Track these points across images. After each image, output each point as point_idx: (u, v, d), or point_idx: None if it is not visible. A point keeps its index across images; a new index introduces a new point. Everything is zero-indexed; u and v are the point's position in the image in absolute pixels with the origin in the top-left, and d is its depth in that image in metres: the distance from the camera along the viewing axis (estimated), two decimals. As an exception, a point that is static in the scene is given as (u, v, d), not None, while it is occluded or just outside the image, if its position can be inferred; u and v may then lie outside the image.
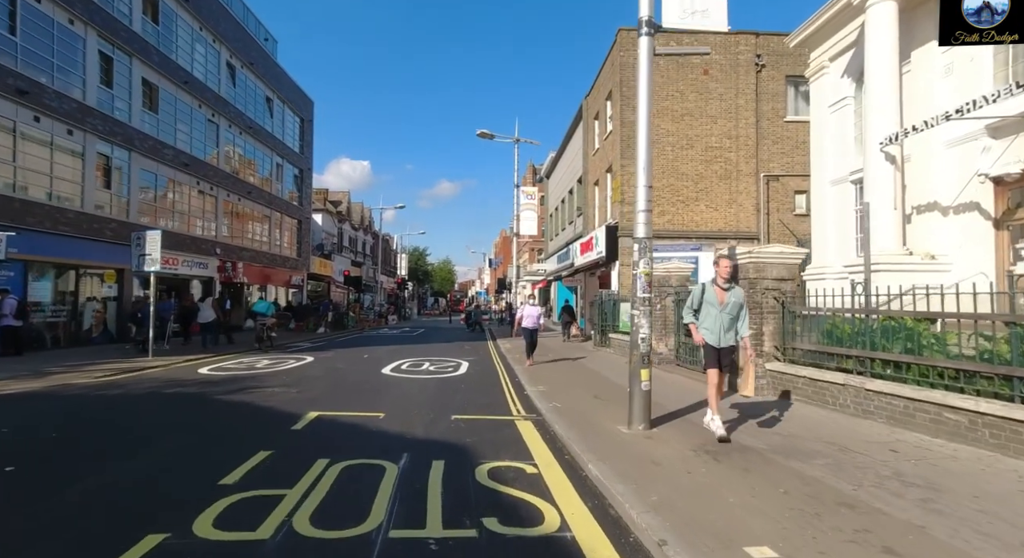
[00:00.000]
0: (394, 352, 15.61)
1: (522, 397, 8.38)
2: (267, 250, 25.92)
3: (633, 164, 18.14)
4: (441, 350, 16.55)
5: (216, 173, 20.89)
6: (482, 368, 12.14)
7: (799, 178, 17.65)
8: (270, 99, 25.91)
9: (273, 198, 26.15)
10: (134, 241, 12.31)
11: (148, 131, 16.96)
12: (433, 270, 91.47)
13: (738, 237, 17.59)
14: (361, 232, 54.03)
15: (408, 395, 8.28)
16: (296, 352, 15.30)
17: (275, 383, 9.09)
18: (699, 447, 5.01)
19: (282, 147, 27.14)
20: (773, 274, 7.79)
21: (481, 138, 22.94)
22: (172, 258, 18.11)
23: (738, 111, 17.66)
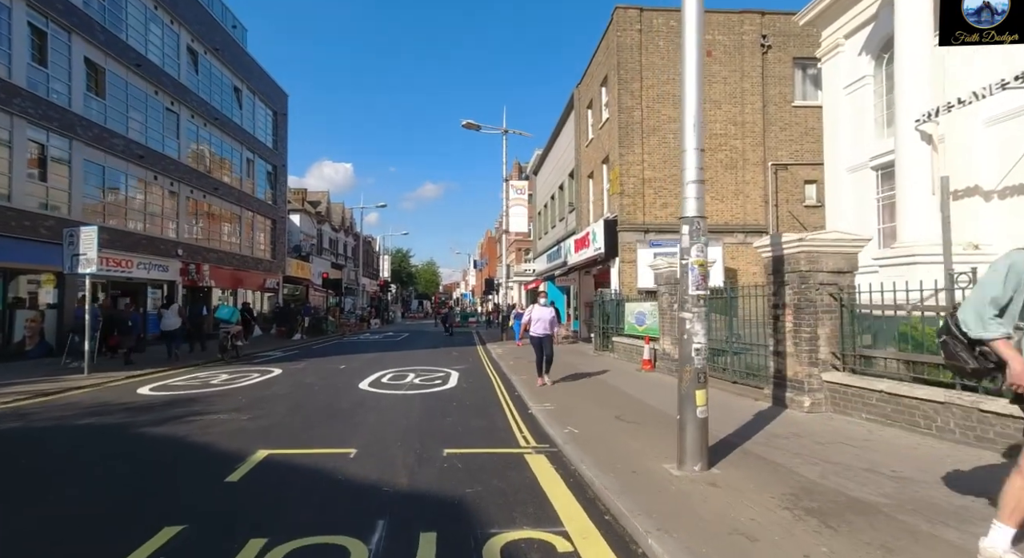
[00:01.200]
0: (375, 361, 14.03)
1: (527, 418, 6.93)
2: (238, 251, 24.08)
3: (632, 153, 16.85)
4: (427, 358, 15.02)
5: (177, 167, 19.06)
6: (474, 379, 10.66)
7: (809, 167, 16.53)
8: (238, 89, 24.08)
9: (243, 196, 24.31)
10: (66, 239, 10.58)
11: (94, 118, 15.12)
12: (417, 272, 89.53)
13: (746, 230, 16.39)
14: (342, 233, 52.07)
15: (388, 419, 6.77)
16: (264, 363, 13.62)
17: (224, 407, 7.47)
18: (791, 501, 3.61)
19: (253, 141, 25.31)
20: (829, 265, 6.46)
21: (467, 129, 21.50)
22: (125, 260, 16.27)
23: (743, 96, 16.47)
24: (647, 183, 16.32)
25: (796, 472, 4.24)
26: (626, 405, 7.34)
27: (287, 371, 11.81)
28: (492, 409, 7.59)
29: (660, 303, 10.56)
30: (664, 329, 10.40)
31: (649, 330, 11.64)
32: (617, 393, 8.35)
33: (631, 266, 16.16)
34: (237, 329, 14.69)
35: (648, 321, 11.77)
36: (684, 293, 4.46)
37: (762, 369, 7.78)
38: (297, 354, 16.57)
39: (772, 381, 7.02)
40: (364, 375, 10.98)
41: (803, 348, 6.48)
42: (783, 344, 6.78)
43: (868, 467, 4.29)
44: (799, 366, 6.53)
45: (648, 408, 7.08)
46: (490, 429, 6.32)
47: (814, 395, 6.38)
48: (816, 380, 6.41)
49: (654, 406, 7.21)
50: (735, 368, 8.45)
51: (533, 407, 7.40)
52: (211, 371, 11.78)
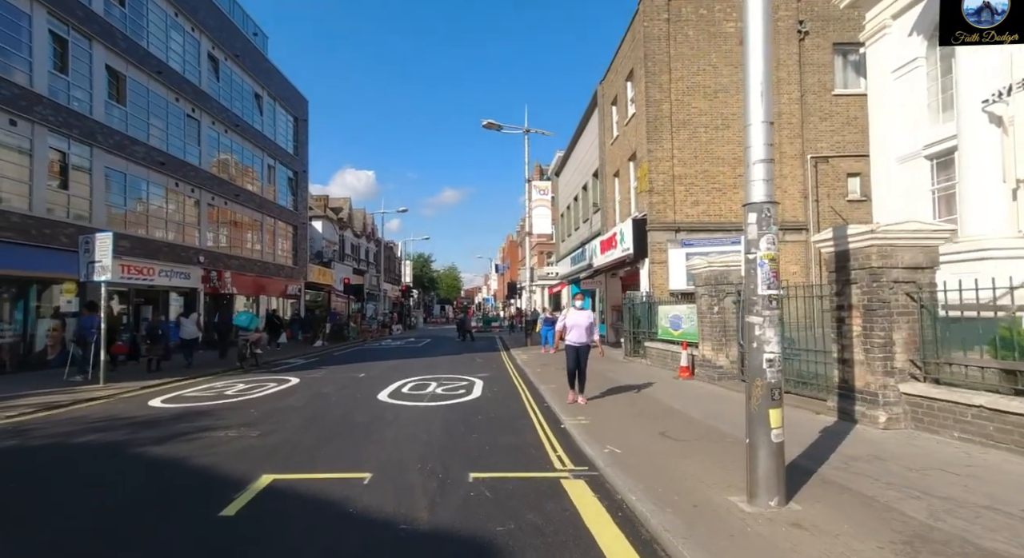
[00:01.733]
0: (395, 369, 13.53)
1: (559, 434, 6.26)
2: (259, 258, 24.00)
3: (661, 148, 16.05)
4: (449, 365, 14.46)
5: (198, 174, 19.01)
6: (500, 388, 10.03)
7: (851, 159, 15.51)
8: (259, 96, 24.08)
9: (264, 202, 24.26)
10: (82, 246, 10.35)
11: (115, 125, 15.08)
12: (439, 277, 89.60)
13: (784, 228, 15.43)
14: (363, 239, 52.24)
15: (408, 436, 6.18)
16: (283, 371, 13.24)
17: (235, 421, 6.99)
18: (907, 553, 2.87)
19: (274, 147, 25.30)
20: (905, 260, 5.65)
21: (488, 129, 20.97)
22: (147, 268, 16.18)
23: (779, 85, 15.55)
24: (677, 180, 15.52)
25: (896, 509, 3.48)
26: (669, 419, 6.61)
27: (305, 380, 11.37)
28: (520, 423, 6.95)
29: (699, 306, 9.78)
30: (704, 334, 9.62)
31: (686, 335, 10.85)
32: (656, 404, 7.62)
33: (662, 267, 15.36)
34: (257, 336, 14.38)
35: (685, 325, 10.99)
36: (752, 293, 3.75)
37: (821, 378, 6.97)
38: (317, 362, 16.20)
39: (837, 392, 6.21)
40: (384, 385, 10.46)
41: (875, 355, 5.67)
42: (850, 350, 5.98)
43: (987, 504, 3.51)
44: (870, 376, 5.72)
45: (695, 423, 6.34)
46: (520, 447, 5.68)
47: (890, 409, 5.56)
48: (892, 392, 5.59)
49: (700, 420, 6.47)
50: (787, 376, 7.64)
51: (566, 421, 6.74)
52: (228, 380, 11.42)
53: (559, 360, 14.83)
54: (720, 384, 8.95)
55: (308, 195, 29.96)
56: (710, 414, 6.75)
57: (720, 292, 9.12)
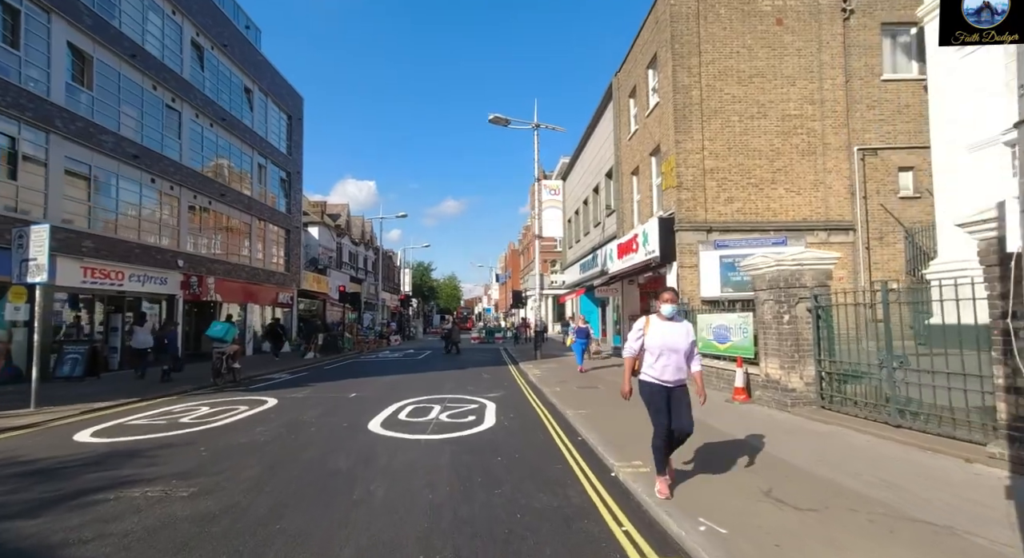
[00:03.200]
0: (392, 387, 11.76)
1: (616, 489, 4.52)
2: (248, 263, 22.28)
3: (691, 139, 14.34)
4: (454, 382, 12.69)
5: (179, 170, 17.35)
6: (517, 413, 8.26)
7: (903, 151, 13.87)
8: (249, 90, 22.51)
9: (254, 203, 22.59)
10: (15, 241, 8.62)
11: (79, 111, 13.43)
12: (438, 286, 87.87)
13: (828, 228, 13.77)
14: (362, 247, 50.60)
15: (406, 494, 4.42)
16: (262, 390, 11.46)
17: (170, 468, 5.19)
18: None
19: (265, 146, 23.69)
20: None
21: (494, 124, 19.36)
22: (115, 271, 14.44)
23: (821, 69, 13.97)
24: (708, 174, 13.87)
25: None
26: (765, 467, 4.85)
27: (283, 403, 9.59)
28: (556, 469, 5.19)
29: (760, 314, 8.05)
30: (767, 349, 7.87)
31: (737, 349, 9.10)
32: (731, 442, 5.84)
33: (692, 271, 13.65)
34: (234, 349, 12.62)
35: (735, 337, 9.24)
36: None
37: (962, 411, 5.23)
38: (305, 377, 14.41)
39: (1007, 434, 4.46)
40: (377, 408, 8.69)
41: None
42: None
43: None
44: (1065, 413, 3.99)
45: (806, 475, 4.58)
46: (567, 517, 3.92)
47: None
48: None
49: (809, 470, 4.71)
50: (906, 406, 5.89)
51: (618, 468, 4.98)
52: (192, 402, 9.63)
53: (582, 378, 12.79)
54: (794, 411, 7.18)
55: (302, 198, 28.32)
56: (818, 459, 5.00)
57: (791, 297, 7.39)
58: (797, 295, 7.37)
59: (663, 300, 4.38)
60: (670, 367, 4.19)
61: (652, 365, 4.25)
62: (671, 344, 4.20)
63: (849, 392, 7.02)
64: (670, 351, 4.19)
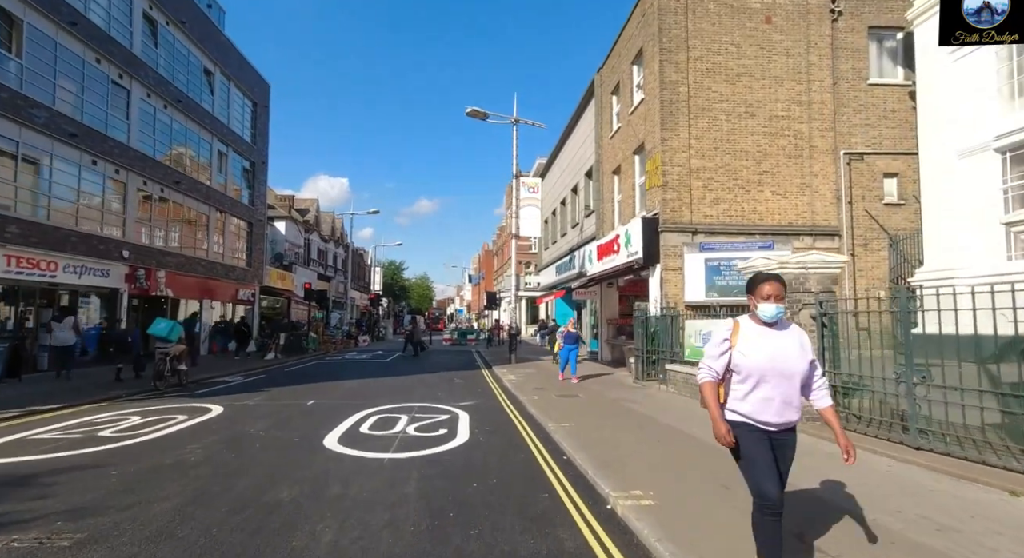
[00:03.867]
0: (355, 393, 10.79)
1: (613, 526, 3.77)
2: (205, 257, 20.80)
3: (677, 137, 13.78)
4: (424, 387, 11.80)
5: (126, 153, 15.91)
6: (493, 426, 7.46)
7: (888, 157, 13.68)
8: (210, 72, 21.05)
9: (213, 193, 21.13)
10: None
11: (7, 81, 11.99)
12: (410, 286, 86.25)
13: (814, 233, 13.44)
14: (332, 244, 48.99)
15: (360, 536, 3.56)
16: (209, 395, 10.32)
17: (65, 501, 4.17)
18: None
19: (226, 132, 22.23)
20: None
21: (472, 118, 18.52)
22: (46, 261, 13.00)
23: (809, 70, 13.67)
24: (694, 174, 13.38)
25: None
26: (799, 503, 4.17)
27: (231, 411, 8.54)
28: (541, 499, 4.41)
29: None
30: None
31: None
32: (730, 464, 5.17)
33: (676, 275, 13.12)
34: (179, 349, 11.42)
35: (727, 345, 8.67)
36: None
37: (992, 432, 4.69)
38: (262, 380, 13.27)
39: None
40: (337, 418, 7.76)
41: None
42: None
43: None
44: None
45: (828, 508, 3.94)
46: None
47: None
48: None
49: (830, 500, 4.08)
50: (927, 427, 5.33)
51: (615, 499, 4.23)
52: (124, 410, 8.48)
53: (561, 386, 11.71)
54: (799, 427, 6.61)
55: (268, 190, 26.85)
56: (844, 490, 4.37)
57: (794, 303, 6.82)
58: (801, 301, 6.80)
59: (763, 296, 2.74)
60: (775, 401, 2.72)
61: (744, 397, 2.79)
62: (779, 365, 2.71)
63: (855, 407, 6.48)
64: (778, 376, 2.71)
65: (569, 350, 12.59)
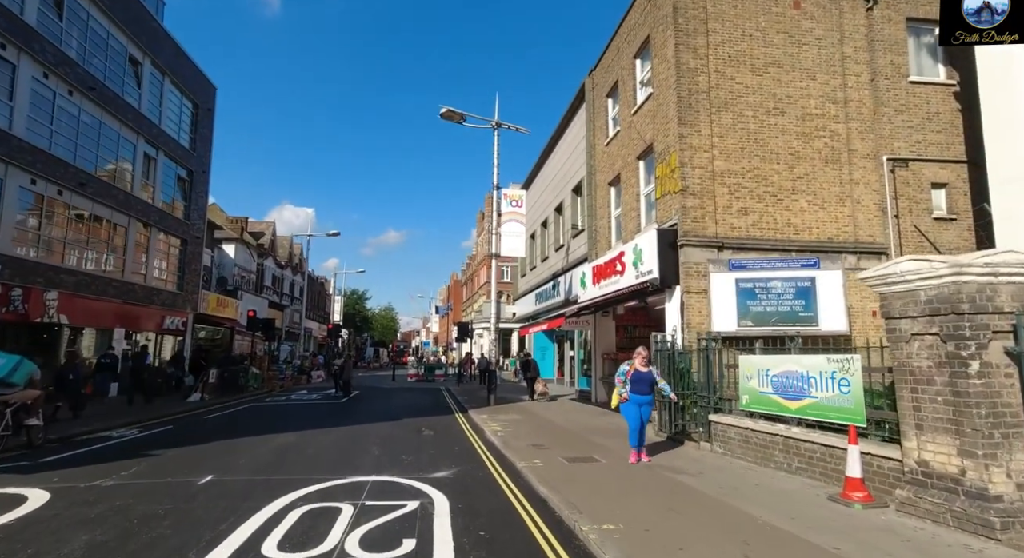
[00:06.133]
0: (282, 456, 7.61)
1: None
2: (119, 277, 17.19)
3: (698, 134, 10.65)
4: (380, 443, 8.69)
5: (6, 141, 12.58)
6: (491, 532, 4.49)
7: (935, 165, 11.78)
8: (137, 61, 17.97)
9: (133, 201, 17.71)
10: None
11: None
12: (373, 317, 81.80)
13: (858, 251, 11.27)
14: (289, 271, 45.14)
15: None
16: (51, 466, 6.92)
17: None
18: None
19: (156, 133, 18.99)
20: None
21: (447, 120, 16.00)
22: None
23: (844, 64, 11.80)
24: (718, 178, 11.11)
25: None
26: None
27: (57, 504, 5.28)
28: None
29: (903, 357, 4.87)
30: (923, 418, 4.65)
31: (828, 411, 5.88)
32: None
33: (700, 298, 10.63)
34: (26, 396, 8.00)
35: (821, 392, 6.03)
36: None
37: None
38: (160, 436, 9.85)
39: None
40: (230, 520, 4.67)
41: None
42: None
43: None
44: None
45: None
46: None
47: None
48: None
49: None
50: None
51: None
52: None
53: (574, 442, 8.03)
54: (1005, 540, 3.93)
55: (207, 202, 23.39)
56: None
57: (978, 331, 4.26)
58: (988, 327, 4.24)
59: None
60: None
61: None
62: None
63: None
64: None
65: (640, 405, 7.35)
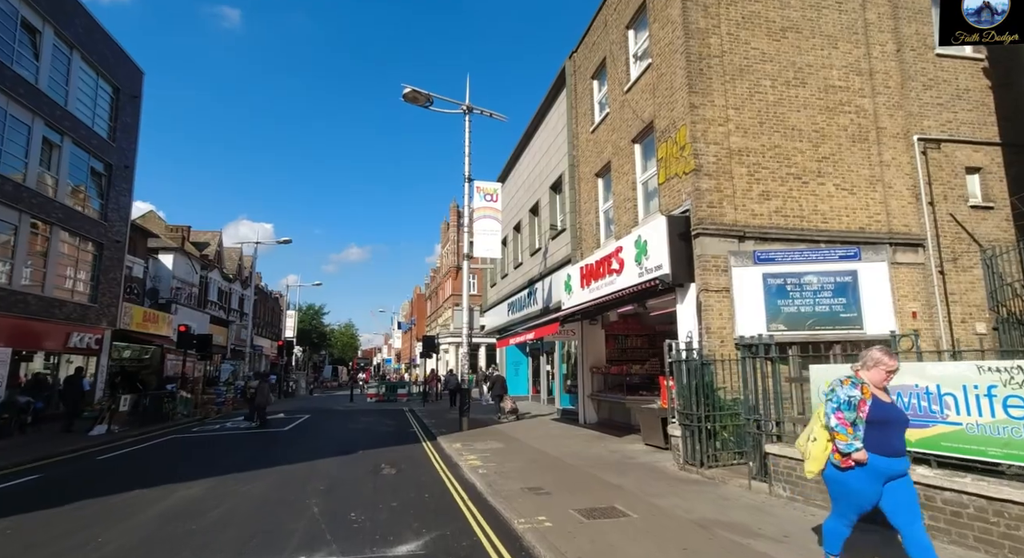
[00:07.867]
0: (169, 525, 5.12)
1: None
2: (5, 284, 14.08)
3: (711, 105, 6.37)
4: (323, 492, 6.29)
5: None
6: None
7: (968, 147, 10.46)
8: (35, 29, 15.11)
9: (30, 194, 14.69)
10: None
11: None
12: (332, 334, 77.57)
13: (893, 242, 9.72)
14: (238, 284, 41.50)
15: None
16: None
17: None
18: None
19: (62, 116, 16.05)
20: None
21: (408, 102, 13.83)
22: None
23: (867, 31, 10.41)
24: (735, 157, 9.40)
25: None
26: None
27: None
28: None
29: None
30: None
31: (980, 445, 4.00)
32: None
33: (721, 298, 8.78)
34: None
35: (982, 417, 4.15)
36: None
37: None
38: (23, 486, 7.12)
39: None
40: None
41: None
42: None
43: None
44: None
45: None
46: None
47: None
48: None
49: None
50: None
51: None
52: None
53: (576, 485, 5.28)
54: None
55: (132, 201, 20.27)
56: None
57: None
58: None
59: None
60: None
61: None
62: None
63: None
64: None
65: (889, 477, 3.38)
